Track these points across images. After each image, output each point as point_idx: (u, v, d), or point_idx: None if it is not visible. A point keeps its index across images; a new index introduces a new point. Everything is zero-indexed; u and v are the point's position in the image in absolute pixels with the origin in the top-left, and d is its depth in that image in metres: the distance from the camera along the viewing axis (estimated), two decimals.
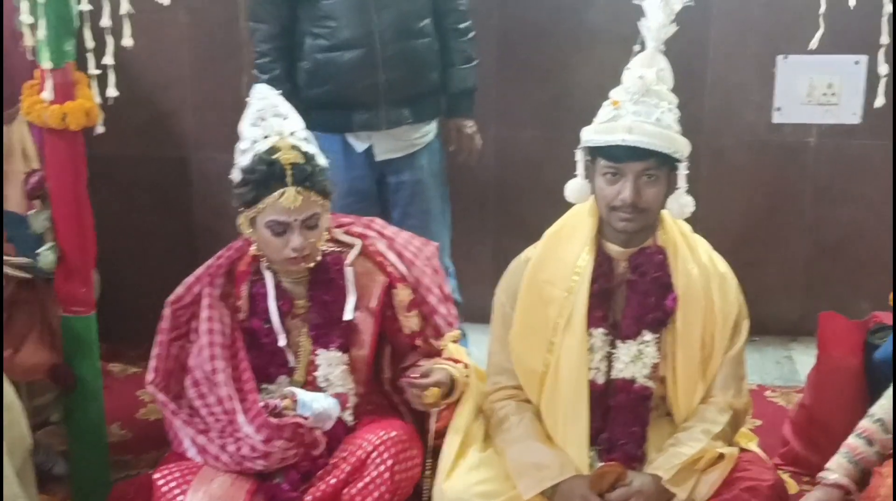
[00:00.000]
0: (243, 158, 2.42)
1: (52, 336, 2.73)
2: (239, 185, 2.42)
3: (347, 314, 2.48)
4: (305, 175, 2.36)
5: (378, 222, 2.67)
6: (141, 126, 3.61)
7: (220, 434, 2.39)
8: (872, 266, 3.83)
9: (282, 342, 2.48)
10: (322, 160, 2.44)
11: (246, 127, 2.45)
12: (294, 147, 2.39)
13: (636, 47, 2.36)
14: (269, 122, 2.43)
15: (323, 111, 3.11)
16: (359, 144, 3.21)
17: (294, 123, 2.46)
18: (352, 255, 2.53)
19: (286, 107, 2.48)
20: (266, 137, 2.41)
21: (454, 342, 2.61)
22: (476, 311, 3.54)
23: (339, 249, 2.55)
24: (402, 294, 2.53)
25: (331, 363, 2.48)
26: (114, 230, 3.45)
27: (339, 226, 2.60)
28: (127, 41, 2.49)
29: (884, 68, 2.32)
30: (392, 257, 2.57)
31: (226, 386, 2.39)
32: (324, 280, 2.50)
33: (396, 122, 3.20)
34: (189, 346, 2.49)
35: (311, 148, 2.44)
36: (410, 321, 2.54)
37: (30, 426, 2.58)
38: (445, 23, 3.27)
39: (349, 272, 2.51)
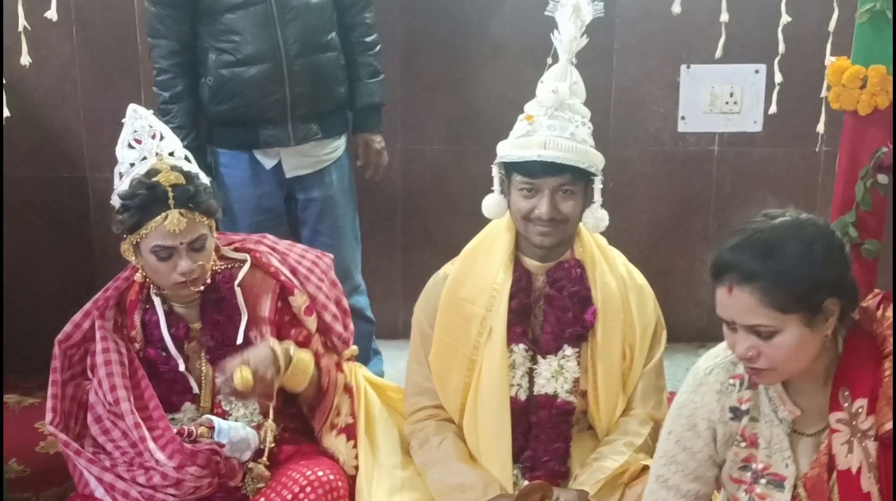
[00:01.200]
0: (122, 182, 2.35)
1: None
2: (119, 211, 2.34)
3: (239, 338, 2.41)
4: (188, 196, 2.31)
5: (269, 238, 2.63)
6: (33, 147, 3.49)
7: (128, 468, 2.31)
8: None
9: (181, 367, 2.41)
10: (204, 179, 2.40)
11: (122, 149, 2.38)
12: (174, 167, 2.33)
13: (549, 60, 2.37)
14: (146, 143, 2.36)
15: (229, 128, 3.07)
16: (267, 160, 3.15)
17: (172, 142, 2.41)
18: (241, 273, 2.47)
19: (162, 127, 2.42)
20: (144, 159, 2.35)
21: (349, 359, 2.60)
22: (387, 327, 3.52)
23: (228, 266, 2.49)
24: (299, 300, 2.49)
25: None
26: (6, 256, 3.34)
27: (229, 243, 2.54)
28: (24, 58, 2.41)
29: (778, 76, 2.38)
30: (285, 270, 2.52)
31: (131, 415, 2.31)
32: (215, 300, 2.43)
33: (305, 138, 3.15)
34: (86, 384, 2.42)
35: (192, 167, 2.39)
36: (310, 322, 2.50)
37: None
38: (351, 36, 3.24)
39: (239, 293, 2.45)
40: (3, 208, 2.37)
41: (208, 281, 2.41)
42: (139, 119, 2.39)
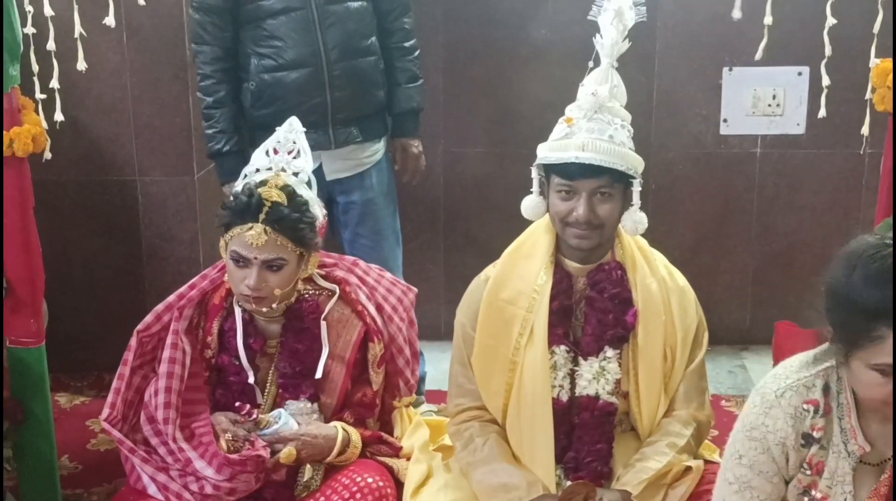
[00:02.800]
0: (239, 182, 2.40)
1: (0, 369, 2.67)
2: (222, 207, 2.39)
3: (318, 373, 2.43)
4: (280, 216, 2.32)
5: (361, 266, 2.63)
6: (83, 151, 3.55)
7: (180, 474, 2.33)
8: (819, 275, 3.89)
9: (250, 379, 2.44)
10: (314, 210, 2.40)
11: (259, 153, 2.43)
12: (284, 187, 2.35)
13: (590, 64, 2.37)
14: (280, 156, 2.40)
15: (271, 132, 3.06)
16: None
17: (303, 164, 2.43)
18: (328, 306, 2.48)
19: (305, 146, 2.44)
20: (269, 169, 2.39)
21: (408, 406, 2.61)
22: (429, 329, 3.54)
23: (316, 293, 2.50)
24: (376, 349, 2.50)
25: (301, 413, 2.43)
26: (57, 258, 3.40)
27: (321, 266, 2.54)
28: (80, 64, 2.46)
29: (826, 79, 2.36)
30: (372, 309, 2.52)
31: (173, 443, 2.32)
32: (298, 328, 2.45)
33: (345, 141, 3.18)
34: (152, 376, 2.43)
35: (305, 194, 2.39)
36: (377, 377, 2.52)
37: None
38: (390, 42, 3.26)
39: (324, 327, 2.46)
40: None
41: (298, 298, 2.44)
42: (289, 132, 2.44)
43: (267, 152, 2.43)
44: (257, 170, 2.41)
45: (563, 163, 2.26)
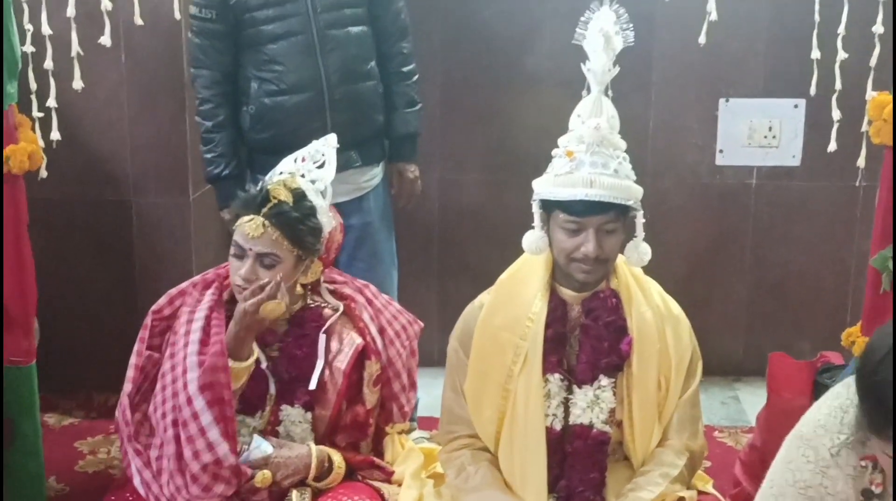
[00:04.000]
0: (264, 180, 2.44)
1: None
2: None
3: (312, 384, 2.42)
4: (280, 213, 2.33)
5: (371, 290, 2.62)
6: (79, 169, 3.55)
7: (168, 477, 2.31)
8: (812, 306, 3.91)
9: (263, 364, 2.42)
10: (320, 218, 2.40)
11: (288, 158, 2.47)
12: (294, 189, 2.36)
13: (584, 91, 2.37)
14: (306, 165, 2.43)
15: (270, 155, 3.05)
16: None
17: (324, 175, 2.44)
18: (332, 319, 2.48)
19: (332, 160, 2.45)
20: (290, 174, 2.40)
21: (401, 433, 2.59)
22: (422, 355, 3.49)
23: (321, 305, 2.50)
24: (373, 368, 2.49)
25: (294, 421, 2.42)
26: (50, 276, 3.38)
27: (331, 282, 2.55)
28: (77, 83, 2.47)
29: (837, 113, 2.36)
30: (373, 329, 2.52)
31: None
32: (299, 334, 2.45)
33: (345, 165, 3.13)
34: (157, 358, 2.43)
35: (314, 201, 2.40)
36: (371, 396, 2.50)
37: None
38: (390, 66, 3.27)
39: (322, 339, 2.45)
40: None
41: (297, 308, 2.44)
42: (321, 145, 2.46)
43: (296, 160, 2.45)
44: (280, 172, 2.44)
45: (572, 200, 2.23)
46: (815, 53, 2.35)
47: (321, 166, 2.44)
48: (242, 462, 2.30)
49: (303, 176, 2.41)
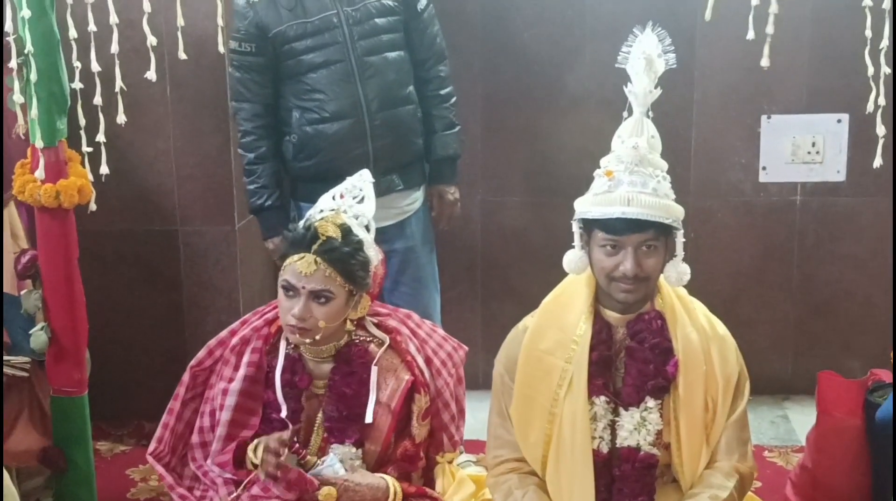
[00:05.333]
0: (304, 219, 2.46)
1: (43, 418, 2.69)
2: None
3: (368, 417, 2.43)
4: (331, 249, 2.34)
5: (414, 319, 2.63)
6: (127, 201, 3.60)
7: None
8: (861, 324, 3.86)
9: (283, 413, 2.44)
10: (368, 251, 2.42)
11: (325, 196, 2.49)
12: (341, 224, 2.38)
13: (625, 113, 2.37)
14: (346, 201, 2.45)
15: (313, 183, 3.10)
16: None
17: (365, 209, 2.47)
18: (380, 352, 2.50)
19: (370, 194, 2.48)
20: (332, 210, 2.43)
21: (451, 462, 2.59)
22: (467, 379, 3.50)
23: (367, 339, 2.51)
24: (422, 402, 2.50)
25: (344, 458, 2.43)
26: (99, 306, 3.42)
27: (375, 315, 2.56)
28: (121, 118, 2.51)
29: (881, 129, 2.34)
30: (420, 361, 2.53)
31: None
32: (346, 371, 2.46)
33: (387, 189, 3.18)
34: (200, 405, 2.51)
35: (361, 235, 2.42)
36: (421, 430, 2.51)
37: None
38: (427, 90, 3.30)
39: (374, 372, 2.47)
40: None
41: (342, 344, 2.47)
42: (358, 181, 2.48)
43: (334, 197, 2.47)
44: (320, 210, 2.45)
45: (610, 219, 2.26)
46: (870, 70, 2.32)
47: (361, 201, 2.46)
48: (312, 474, 2.32)
49: (345, 212, 2.44)
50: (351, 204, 2.45)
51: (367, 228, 2.46)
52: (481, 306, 3.98)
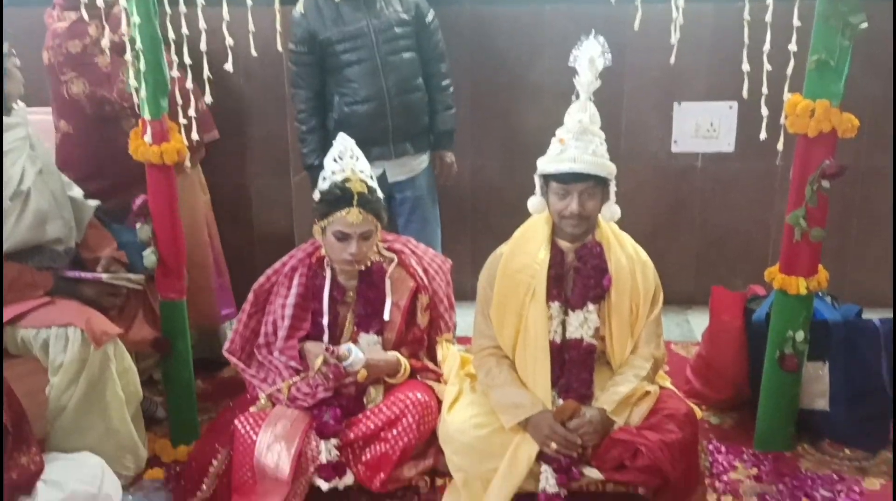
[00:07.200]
0: (323, 184, 2.41)
1: (154, 317, 2.69)
2: (318, 202, 2.40)
3: (386, 315, 2.45)
4: (367, 201, 2.35)
5: (411, 242, 2.64)
6: (213, 161, 3.51)
7: (272, 382, 2.41)
8: (744, 254, 3.86)
9: (324, 320, 2.45)
10: (380, 194, 2.42)
11: (328, 161, 2.43)
12: (362, 181, 2.37)
13: (573, 97, 2.34)
14: (346, 161, 2.41)
15: None
16: (375, 171, 3.14)
17: (363, 164, 2.43)
18: (391, 268, 2.50)
19: (358, 151, 2.44)
20: (342, 170, 2.39)
21: (447, 341, 2.61)
22: (459, 291, 3.52)
23: (381, 260, 2.52)
24: (423, 300, 2.53)
25: (369, 343, 2.45)
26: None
27: (383, 241, 2.56)
28: (207, 98, 2.47)
29: (765, 110, 2.31)
30: (420, 271, 2.55)
31: (279, 356, 2.42)
32: (369, 282, 2.47)
33: (402, 153, 3.18)
34: (263, 316, 2.52)
35: (373, 183, 2.41)
36: (423, 319, 2.54)
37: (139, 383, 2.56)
38: (432, 81, 3.25)
39: (388, 282, 2.48)
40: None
41: (368, 264, 2.46)
42: (344, 144, 2.44)
43: (335, 159, 2.43)
44: (333, 172, 2.41)
45: (560, 172, 2.25)
46: (746, 66, 2.30)
47: (357, 160, 2.42)
48: (345, 368, 2.33)
49: (353, 171, 2.39)
50: (353, 163, 2.41)
51: (371, 177, 2.44)
52: (470, 238, 3.96)
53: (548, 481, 2.24)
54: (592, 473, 2.25)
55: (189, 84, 2.42)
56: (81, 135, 2.90)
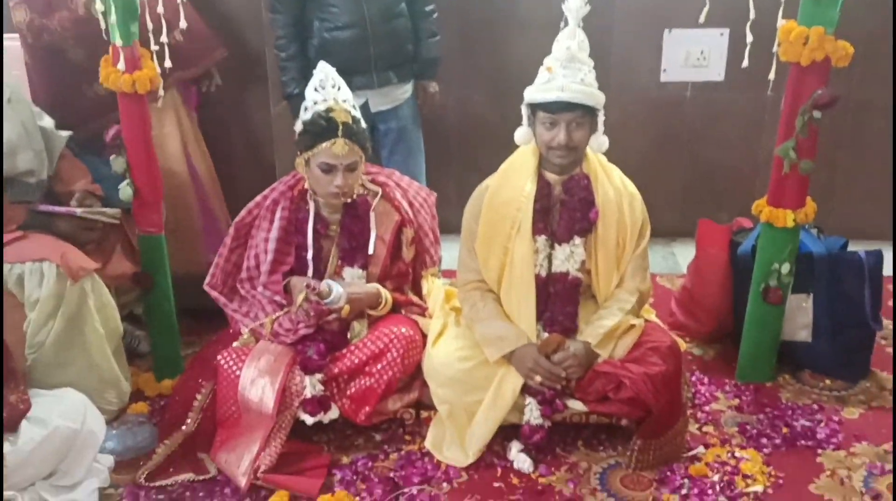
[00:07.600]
0: (305, 114, 2.33)
1: (133, 252, 2.64)
2: (301, 134, 2.32)
3: (371, 249, 2.41)
4: (352, 132, 2.28)
5: (396, 175, 2.58)
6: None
7: (255, 317, 2.38)
8: (731, 186, 3.83)
9: (309, 254, 2.41)
10: (363, 124, 2.34)
11: (309, 91, 2.35)
12: (346, 110, 2.30)
13: (562, 24, 2.27)
14: (328, 90, 2.33)
15: None
16: (357, 100, 3.08)
17: (345, 93, 2.36)
18: (375, 201, 2.45)
19: (340, 80, 2.36)
20: (325, 100, 2.32)
21: (433, 275, 2.58)
22: (444, 224, 3.49)
23: (366, 192, 2.46)
24: (408, 233, 2.49)
25: (354, 277, 2.42)
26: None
27: (367, 173, 2.50)
28: (182, 23, 2.37)
29: (749, 37, 2.24)
30: (405, 204, 2.50)
31: (262, 290, 2.37)
32: (354, 215, 2.42)
33: (384, 82, 3.11)
34: (245, 250, 2.47)
35: (357, 113, 2.34)
36: (409, 253, 2.50)
37: (120, 318, 2.52)
38: (415, 7, 3.15)
39: (372, 216, 2.43)
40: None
41: (355, 197, 2.40)
42: (324, 72, 2.35)
43: (315, 89, 2.35)
44: (315, 102, 2.33)
45: (548, 101, 2.19)
46: None
47: (339, 89, 2.35)
48: (326, 305, 2.31)
49: (335, 100, 2.32)
50: (335, 93, 2.33)
51: (354, 107, 2.37)
52: (455, 172, 3.91)
53: (532, 413, 2.25)
54: (576, 405, 2.26)
55: (160, 8, 2.31)
56: (36, 65, 2.79)
